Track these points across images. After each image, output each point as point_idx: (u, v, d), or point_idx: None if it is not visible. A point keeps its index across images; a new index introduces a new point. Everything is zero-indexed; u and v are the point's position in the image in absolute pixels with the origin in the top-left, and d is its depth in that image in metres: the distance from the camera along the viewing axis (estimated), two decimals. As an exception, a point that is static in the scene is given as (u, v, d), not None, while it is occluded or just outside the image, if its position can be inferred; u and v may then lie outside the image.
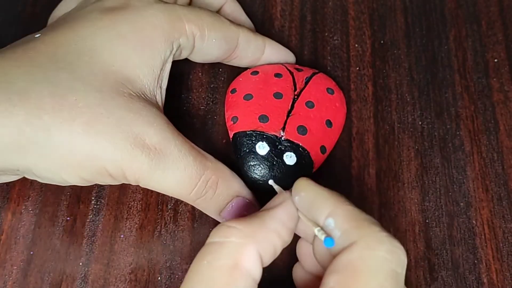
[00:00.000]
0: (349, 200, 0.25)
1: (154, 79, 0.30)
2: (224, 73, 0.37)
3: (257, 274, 0.24)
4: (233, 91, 0.35)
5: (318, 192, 0.25)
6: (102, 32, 0.29)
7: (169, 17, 0.30)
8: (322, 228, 0.24)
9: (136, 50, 0.29)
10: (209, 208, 0.30)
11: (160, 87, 0.30)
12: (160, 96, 0.30)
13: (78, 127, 0.26)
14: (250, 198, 0.31)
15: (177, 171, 0.28)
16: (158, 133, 0.28)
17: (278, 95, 0.33)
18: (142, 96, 0.29)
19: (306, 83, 0.35)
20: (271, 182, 0.30)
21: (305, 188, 0.25)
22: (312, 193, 0.25)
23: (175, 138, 0.28)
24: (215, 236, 0.24)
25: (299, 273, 0.29)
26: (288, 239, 0.25)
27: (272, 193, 0.31)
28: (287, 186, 0.28)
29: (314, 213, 0.25)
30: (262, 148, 0.32)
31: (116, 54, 0.28)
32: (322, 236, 0.23)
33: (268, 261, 0.24)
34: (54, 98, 0.26)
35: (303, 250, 0.28)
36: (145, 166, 0.27)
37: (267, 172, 0.31)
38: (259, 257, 0.24)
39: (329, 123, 0.34)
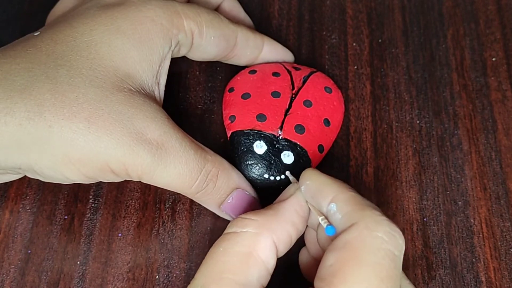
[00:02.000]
0: (351, 187, 0.25)
1: (153, 75, 0.30)
2: (221, 72, 0.37)
3: (271, 264, 0.25)
4: (231, 90, 0.35)
5: (322, 180, 0.26)
6: (100, 27, 0.29)
7: (168, 13, 0.30)
8: (326, 217, 0.25)
9: (135, 45, 0.29)
10: (210, 201, 0.30)
11: (158, 84, 0.30)
12: (158, 92, 0.30)
13: (79, 123, 0.26)
14: (250, 191, 0.31)
15: (179, 165, 0.28)
16: (159, 127, 0.28)
17: (276, 94, 0.33)
18: (142, 91, 0.29)
19: (304, 82, 0.35)
20: (287, 173, 0.31)
21: (310, 177, 0.27)
22: (317, 181, 0.26)
23: (176, 132, 0.28)
24: (232, 227, 0.25)
25: (304, 256, 0.29)
26: (302, 228, 0.26)
27: (270, 191, 0.31)
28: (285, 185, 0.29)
29: (318, 199, 0.25)
30: (260, 147, 0.32)
31: (115, 49, 0.28)
32: (324, 225, 0.24)
33: (283, 250, 0.25)
34: (55, 95, 0.26)
35: (309, 236, 0.29)
36: (148, 161, 0.27)
37: (264, 171, 0.31)
38: (274, 246, 0.25)
39: (327, 122, 0.34)
